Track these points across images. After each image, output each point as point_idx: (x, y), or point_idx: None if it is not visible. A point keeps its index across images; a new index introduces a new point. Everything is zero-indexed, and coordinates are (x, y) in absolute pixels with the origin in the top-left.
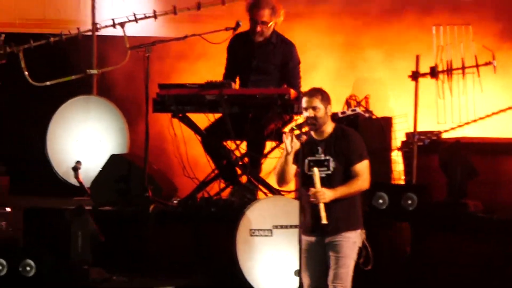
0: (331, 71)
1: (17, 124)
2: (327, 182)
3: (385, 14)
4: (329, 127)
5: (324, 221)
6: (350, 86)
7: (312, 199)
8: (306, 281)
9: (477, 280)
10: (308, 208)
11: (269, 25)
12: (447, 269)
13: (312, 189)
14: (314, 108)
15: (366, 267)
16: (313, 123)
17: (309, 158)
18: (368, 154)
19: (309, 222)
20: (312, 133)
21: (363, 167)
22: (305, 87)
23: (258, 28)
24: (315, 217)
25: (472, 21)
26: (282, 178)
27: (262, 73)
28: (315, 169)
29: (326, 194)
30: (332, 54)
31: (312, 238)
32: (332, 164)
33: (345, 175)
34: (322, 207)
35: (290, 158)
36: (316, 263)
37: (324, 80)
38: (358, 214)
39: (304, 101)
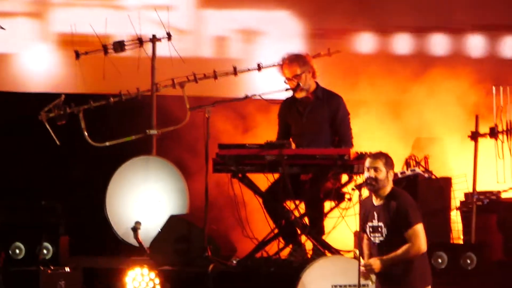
0: (392, 131)
1: (77, 185)
2: (381, 248)
3: (445, 73)
4: (387, 192)
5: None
6: (410, 146)
7: (363, 275)
8: None
9: None
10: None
11: (302, 76)
12: None
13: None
14: (375, 169)
15: None
16: (373, 184)
17: (368, 223)
18: (421, 216)
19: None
20: (373, 197)
21: (414, 233)
22: (365, 147)
23: (294, 83)
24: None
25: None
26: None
27: (314, 130)
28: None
29: (373, 266)
30: (392, 114)
31: None
32: (384, 231)
33: (401, 239)
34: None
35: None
36: None
37: (384, 140)
38: (420, 276)
39: (368, 161)
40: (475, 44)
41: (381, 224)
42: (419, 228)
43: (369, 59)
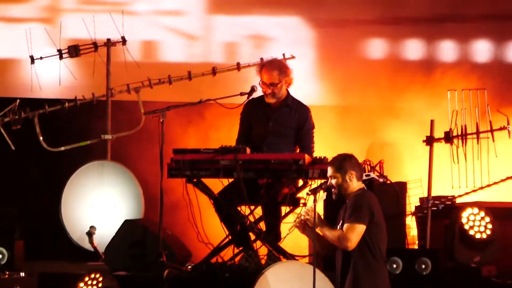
0: (346, 136)
1: (32, 189)
2: None
3: (400, 78)
4: (353, 192)
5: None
6: (365, 151)
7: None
8: None
9: None
10: (337, 269)
11: (278, 86)
12: None
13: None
14: (331, 177)
15: None
16: (334, 191)
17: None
18: (370, 218)
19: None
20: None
21: (352, 227)
22: (319, 152)
23: (269, 90)
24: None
25: (487, 85)
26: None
27: (278, 135)
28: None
29: (311, 213)
30: (347, 119)
31: None
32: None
33: None
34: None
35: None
36: None
37: (339, 145)
38: (370, 280)
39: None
40: (435, 49)
41: (342, 222)
42: (358, 227)
43: (334, 63)
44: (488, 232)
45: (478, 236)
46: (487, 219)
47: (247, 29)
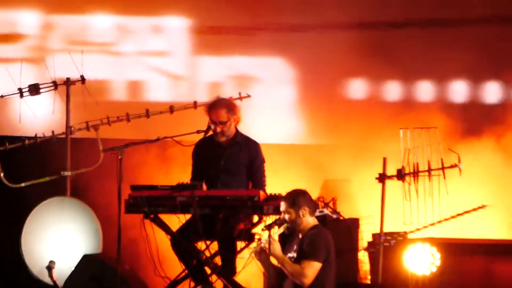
0: (300, 173)
1: None
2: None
3: (353, 116)
4: (307, 227)
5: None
6: (318, 188)
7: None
8: None
9: None
10: None
11: (227, 124)
12: None
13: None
14: (284, 212)
15: None
16: (288, 226)
17: (288, 254)
18: (325, 258)
19: None
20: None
21: (309, 265)
22: (275, 187)
23: (218, 129)
24: None
25: (439, 124)
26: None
27: (231, 173)
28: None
29: (276, 247)
30: (302, 156)
31: None
32: (293, 259)
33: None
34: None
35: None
36: None
37: (293, 181)
38: None
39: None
40: (388, 89)
41: (294, 254)
42: (314, 264)
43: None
44: (435, 267)
45: (425, 271)
46: (437, 254)
47: (231, 69)
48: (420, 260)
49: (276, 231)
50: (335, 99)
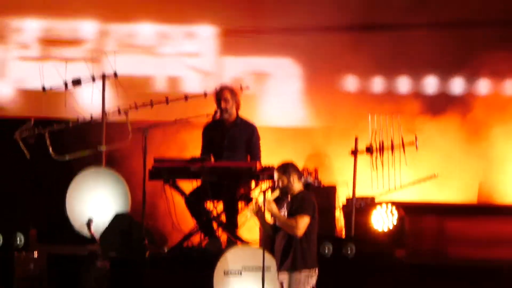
0: (289, 149)
1: (44, 189)
2: (279, 229)
3: (345, 104)
4: (296, 191)
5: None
6: (303, 160)
7: (260, 204)
8: None
9: None
10: (277, 251)
11: (230, 104)
12: None
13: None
14: (278, 181)
15: None
16: (281, 190)
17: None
18: (312, 213)
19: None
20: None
21: (300, 219)
22: (272, 159)
23: (223, 105)
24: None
25: (400, 111)
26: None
27: (232, 149)
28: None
29: (272, 206)
30: (290, 136)
31: (278, 276)
32: (285, 216)
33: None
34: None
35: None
36: None
37: (283, 155)
38: (301, 258)
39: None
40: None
41: (285, 212)
42: (305, 219)
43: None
44: (392, 224)
45: (382, 227)
46: (395, 214)
47: (249, 66)
48: (383, 219)
49: (272, 195)
50: (332, 91)
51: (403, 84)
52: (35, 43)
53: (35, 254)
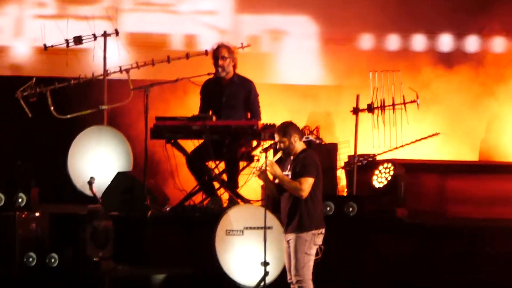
0: (291, 107)
1: (46, 148)
2: (284, 189)
3: (360, 63)
4: (298, 151)
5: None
6: (305, 118)
7: (263, 166)
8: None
9: (402, 271)
10: (283, 213)
11: (227, 61)
12: (380, 262)
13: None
14: (278, 142)
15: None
16: (283, 151)
17: (283, 172)
18: (315, 173)
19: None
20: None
21: (304, 180)
22: (270, 118)
23: (220, 62)
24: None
25: (401, 67)
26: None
27: (231, 107)
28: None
29: (273, 166)
30: (293, 94)
31: (285, 236)
32: (289, 176)
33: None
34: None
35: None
36: (287, 256)
37: (284, 114)
38: (307, 217)
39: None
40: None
41: (289, 173)
42: (309, 180)
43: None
44: (386, 181)
45: (379, 185)
46: (394, 171)
47: (266, 24)
48: (384, 177)
49: (275, 157)
50: (347, 49)
51: (418, 41)
52: (51, 1)
53: (37, 214)
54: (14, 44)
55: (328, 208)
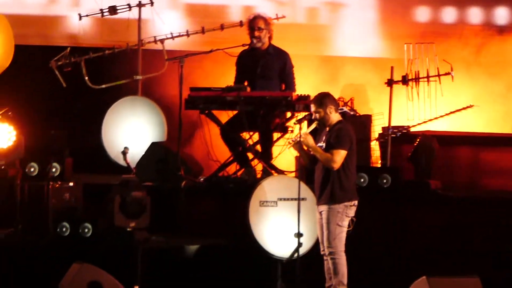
0: (325, 79)
1: (80, 118)
2: (317, 160)
3: (415, 37)
4: (334, 122)
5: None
6: (340, 90)
7: (298, 137)
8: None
9: (435, 242)
10: (316, 183)
11: (264, 32)
12: (414, 233)
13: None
14: (314, 112)
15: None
16: (318, 122)
17: (318, 144)
18: (349, 146)
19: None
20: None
21: (337, 152)
22: (307, 90)
23: (256, 33)
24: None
25: (435, 40)
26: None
27: (266, 78)
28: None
29: (307, 138)
30: (326, 67)
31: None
32: (323, 148)
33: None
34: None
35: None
36: (320, 228)
37: (319, 85)
38: (340, 189)
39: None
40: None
41: (323, 144)
42: (342, 152)
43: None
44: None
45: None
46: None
47: None
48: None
49: (309, 128)
50: (403, 21)
51: (474, 14)
52: None
53: (71, 183)
54: (47, 13)
55: (362, 180)
